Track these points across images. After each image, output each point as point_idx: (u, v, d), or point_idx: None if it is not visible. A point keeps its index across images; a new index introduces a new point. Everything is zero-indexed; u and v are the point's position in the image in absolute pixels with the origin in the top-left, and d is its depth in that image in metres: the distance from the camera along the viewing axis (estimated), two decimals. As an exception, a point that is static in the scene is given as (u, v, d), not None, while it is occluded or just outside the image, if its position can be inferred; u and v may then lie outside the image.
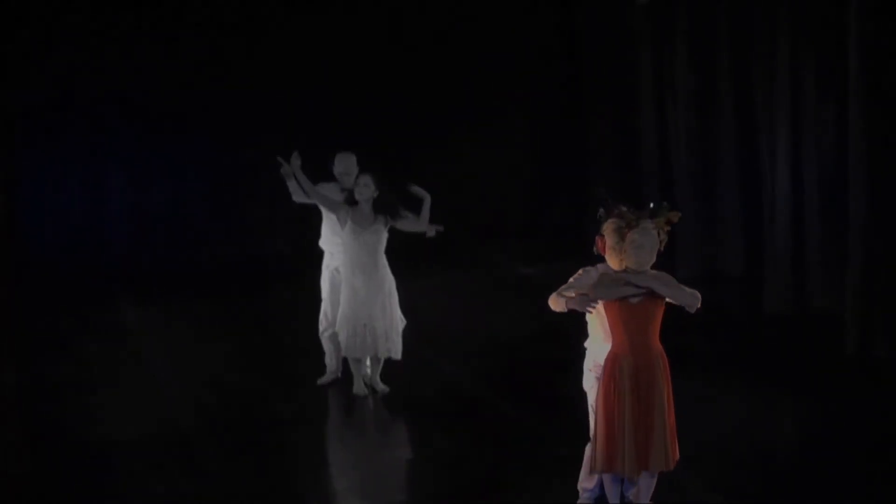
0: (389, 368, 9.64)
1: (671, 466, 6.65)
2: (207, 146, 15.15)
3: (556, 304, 6.63)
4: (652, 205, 6.63)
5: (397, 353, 9.52)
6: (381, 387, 9.62)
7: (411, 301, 9.71)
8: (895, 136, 10.04)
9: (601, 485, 6.89)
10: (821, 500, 7.37)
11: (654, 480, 6.75)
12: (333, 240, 9.70)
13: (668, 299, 6.56)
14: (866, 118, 10.16)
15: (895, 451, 8.12)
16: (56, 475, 7.94)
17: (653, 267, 6.59)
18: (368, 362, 9.60)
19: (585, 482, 7.00)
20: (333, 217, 9.58)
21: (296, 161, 9.44)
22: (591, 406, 6.83)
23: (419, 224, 9.36)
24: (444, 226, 9.41)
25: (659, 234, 6.56)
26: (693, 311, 6.55)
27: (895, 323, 10.09)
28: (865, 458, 8.03)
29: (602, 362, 6.73)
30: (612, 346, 6.61)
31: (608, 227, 6.65)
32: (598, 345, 6.81)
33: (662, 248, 6.61)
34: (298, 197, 9.70)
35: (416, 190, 9.33)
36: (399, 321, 9.51)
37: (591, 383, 6.87)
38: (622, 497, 6.82)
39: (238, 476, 7.92)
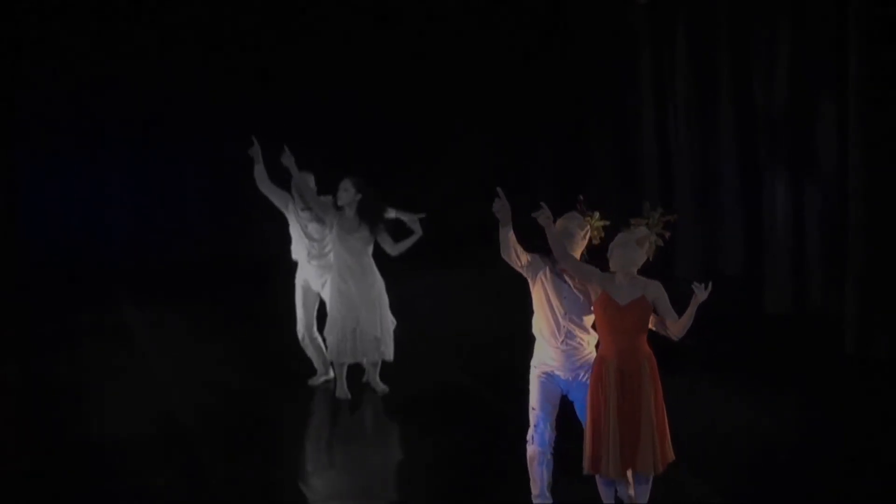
0: (387, 369, 9.64)
1: (660, 469, 6.60)
2: (206, 147, 15.15)
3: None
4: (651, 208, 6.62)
5: (390, 355, 9.51)
6: (382, 387, 9.62)
7: (408, 301, 9.71)
8: (895, 137, 10.04)
9: (544, 491, 6.87)
10: (820, 499, 7.37)
11: (650, 484, 6.73)
12: (300, 252, 9.67)
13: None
14: (866, 119, 10.16)
15: (894, 451, 8.12)
16: (56, 475, 7.94)
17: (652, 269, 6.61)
18: (367, 364, 9.60)
19: (533, 489, 6.98)
20: (298, 228, 9.53)
21: (289, 159, 9.29)
22: (532, 407, 6.85)
23: (394, 249, 9.32)
24: (445, 226, 9.38)
25: (651, 236, 6.53)
26: (675, 338, 6.56)
27: (895, 323, 10.10)
28: (865, 457, 8.03)
29: (539, 363, 6.75)
30: (600, 349, 6.63)
31: (571, 215, 6.67)
32: (541, 344, 6.84)
33: (651, 255, 6.58)
34: (263, 185, 9.50)
35: (412, 223, 9.30)
36: (391, 323, 9.51)
37: (532, 379, 6.88)
38: (616, 499, 6.82)
39: (237, 476, 7.92)
